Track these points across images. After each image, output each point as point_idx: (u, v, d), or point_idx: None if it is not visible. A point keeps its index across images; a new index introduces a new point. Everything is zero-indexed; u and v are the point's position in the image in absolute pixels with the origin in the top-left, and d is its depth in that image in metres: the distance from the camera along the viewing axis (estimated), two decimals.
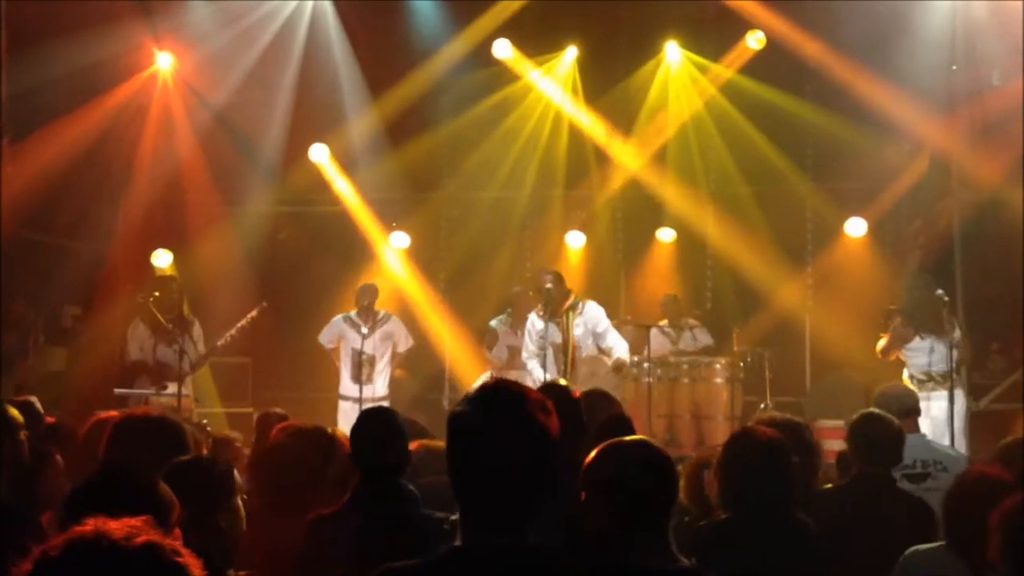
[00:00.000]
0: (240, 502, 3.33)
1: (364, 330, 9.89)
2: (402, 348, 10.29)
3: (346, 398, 10.02)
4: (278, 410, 6.28)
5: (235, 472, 3.37)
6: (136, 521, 1.72)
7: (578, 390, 4.39)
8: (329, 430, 4.52)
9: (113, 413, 4.85)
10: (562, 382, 5.16)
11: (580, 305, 9.07)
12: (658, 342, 10.62)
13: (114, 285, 11.34)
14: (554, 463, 2.21)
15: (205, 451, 4.57)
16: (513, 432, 2.17)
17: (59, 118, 10.45)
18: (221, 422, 10.47)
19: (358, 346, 9.85)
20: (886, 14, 10.53)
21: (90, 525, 1.69)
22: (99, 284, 11.49)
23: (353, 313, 10.14)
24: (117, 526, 1.69)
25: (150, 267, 11.32)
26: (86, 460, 4.03)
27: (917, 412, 5.73)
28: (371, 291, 10.26)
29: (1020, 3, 9.78)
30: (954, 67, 10.61)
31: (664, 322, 10.91)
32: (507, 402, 2.21)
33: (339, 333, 10.19)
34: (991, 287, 10.79)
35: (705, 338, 10.85)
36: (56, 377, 11.03)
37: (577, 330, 8.99)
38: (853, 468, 4.71)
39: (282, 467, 4.13)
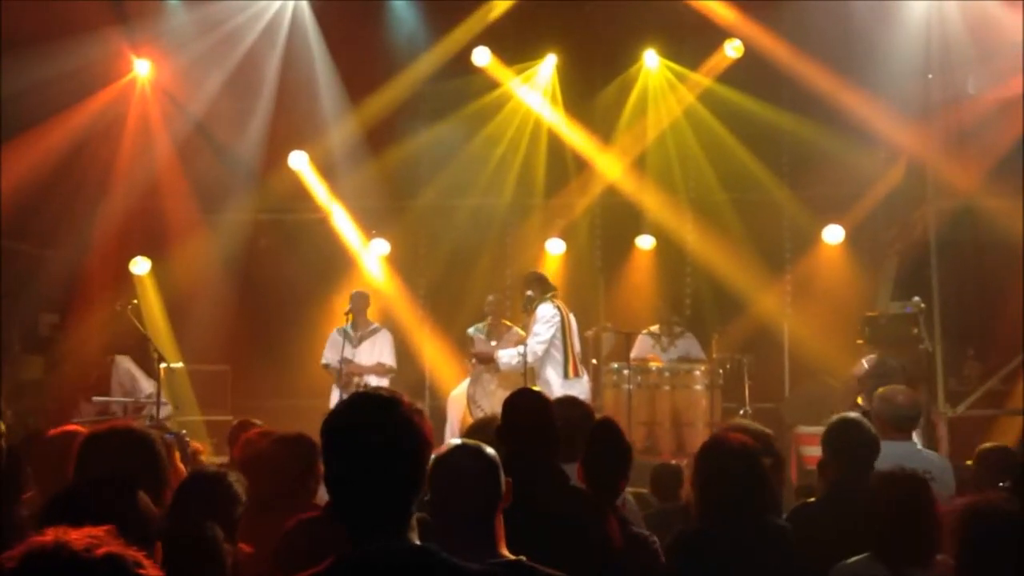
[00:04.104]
0: None
1: (353, 339, 9.82)
2: (381, 359, 10.06)
3: None
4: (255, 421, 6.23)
5: None
6: (98, 531, 1.66)
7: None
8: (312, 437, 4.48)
9: (80, 428, 4.80)
10: (535, 388, 5.15)
11: (540, 307, 9.00)
12: (646, 347, 10.61)
13: (92, 293, 11.28)
14: (426, 465, 2.26)
15: (179, 461, 4.48)
16: (388, 430, 2.19)
17: (36, 125, 10.36)
18: (200, 430, 10.41)
19: (346, 354, 9.75)
20: (862, 23, 10.61)
21: (50, 535, 1.63)
22: (76, 292, 11.42)
23: (348, 325, 10.00)
24: (78, 536, 1.63)
25: (128, 275, 11.25)
26: (54, 470, 3.98)
27: (915, 423, 5.46)
28: (362, 298, 10.09)
29: (995, 12, 9.89)
30: (930, 75, 10.69)
31: (655, 327, 10.87)
32: (381, 403, 2.24)
33: (336, 346, 10.00)
34: (967, 294, 10.88)
35: (697, 352, 10.66)
36: (33, 385, 10.96)
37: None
38: (829, 475, 4.69)
39: (263, 475, 4.06)
